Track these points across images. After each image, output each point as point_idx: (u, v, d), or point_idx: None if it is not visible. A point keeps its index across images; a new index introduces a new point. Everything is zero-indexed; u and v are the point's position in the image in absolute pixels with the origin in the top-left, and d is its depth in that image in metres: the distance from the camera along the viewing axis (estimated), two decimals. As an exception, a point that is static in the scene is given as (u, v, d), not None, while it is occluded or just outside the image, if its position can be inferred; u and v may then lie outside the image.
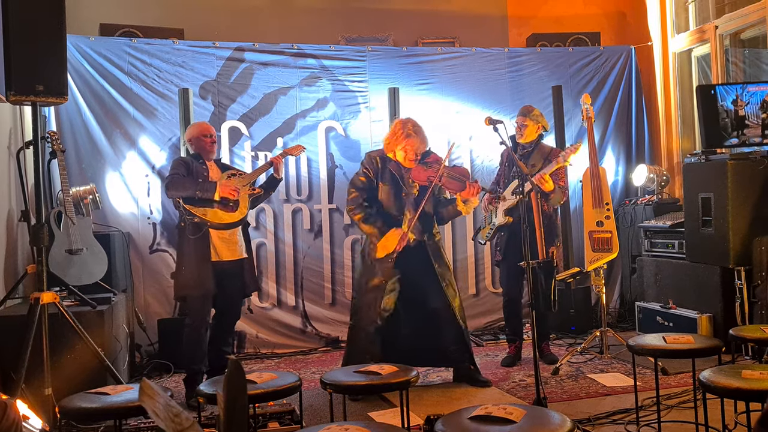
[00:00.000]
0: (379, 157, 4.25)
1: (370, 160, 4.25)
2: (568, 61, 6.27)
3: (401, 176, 4.20)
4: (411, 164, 4.19)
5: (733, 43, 5.76)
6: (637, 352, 3.14)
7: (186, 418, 1.34)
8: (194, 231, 4.13)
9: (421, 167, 4.18)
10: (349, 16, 6.38)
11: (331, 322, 5.72)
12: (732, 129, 4.88)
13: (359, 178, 4.25)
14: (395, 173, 4.21)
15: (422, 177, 4.16)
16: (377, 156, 4.26)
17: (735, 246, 4.61)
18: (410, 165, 4.20)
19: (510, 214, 4.70)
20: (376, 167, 4.23)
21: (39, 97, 3.52)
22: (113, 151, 5.36)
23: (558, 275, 4.80)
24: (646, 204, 5.88)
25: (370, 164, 4.24)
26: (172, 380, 4.78)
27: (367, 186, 4.22)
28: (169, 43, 5.54)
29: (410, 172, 4.19)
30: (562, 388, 4.22)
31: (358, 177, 4.25)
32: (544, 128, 4.88)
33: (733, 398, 2.65)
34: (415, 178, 4.17)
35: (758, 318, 4.48)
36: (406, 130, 4.16)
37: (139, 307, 5.27)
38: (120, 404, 2.54)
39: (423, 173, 4.16)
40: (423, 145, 4.20)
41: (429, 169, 4.16)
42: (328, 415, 3.09)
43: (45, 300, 3.51)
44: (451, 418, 2.24)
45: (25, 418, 2.62)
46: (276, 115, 5.71)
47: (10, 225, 4.44)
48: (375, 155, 4.28)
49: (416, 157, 4.18)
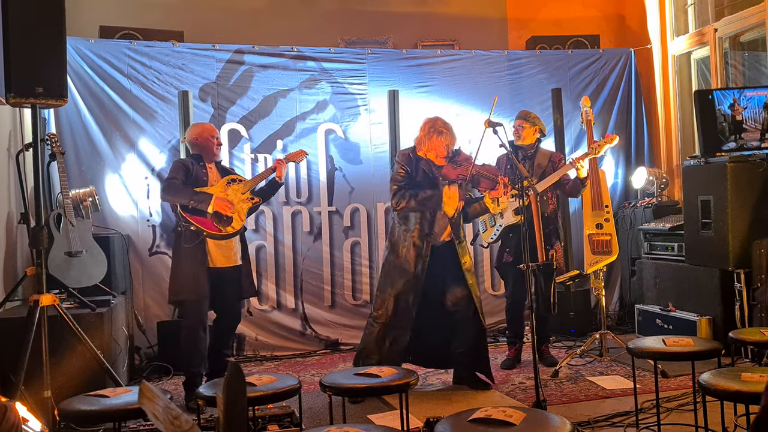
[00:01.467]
0: (412, 155, 4.25)
1: (405, 156, 4.25)
2: (567, 64, 6.28)
3: (432, 175, 4.21)
4: (442, 162, 4.20)
5: (732, 46, 5.76)
6: (637, 354, 3.14)
7: (186, 420, 1.34)
8: (191, 239, 4.13)
9: (450, 165, 4.19)
10: (349, 18, 6.38)
11: (330, 324, 5.71)
12: (730, 133, 4.88)
13: (399, 173, 4.22)
14: (427, 171, 4.21)
15: (452, 175, 4.16)
16: (410, 153, 4.27)
17: (734, 248, 4.61)
18: (441, 163, 4.20)
19: (519, 214, 4.70)
20: (411, 163, 4.22)
21: (39, 99, 3.52)
22: (113, 154, 5.36)
23: (558, 278, 4.79)
24: (645, 207, 5.88)
25: (405, 161, 4.23)
26: (171, 383, 4.78)
27: (407, 180, 4.21)
28: (169, 46, 5.55)
29: (441, 170, 4.19)
30: (562, 390, 4.22)
31: (398, 173, 4.23)
32: (542, 131, 4.88)
33: (733, 401, 2.65)
34: (446, 175, 4.18)
35: (758, 321, 4.48)
36: (437, 128, 4.18)
37: (139, 310, 5.27)
38: (119, 407, 2.54)
39: (453, 171, 4.16)
40: (454, 142, 4.22)
41: (459, 167, 4.16)
42: (328, 418, 3.08)
43: (44, 302, 3.50)
44: (451, 421, 2.23)
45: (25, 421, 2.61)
46: (276, 118, 5.71)
47: (10, 227, 4.43)
48: (407, 152, 4.28)
49: (448, 154, 4.20)
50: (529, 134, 4.80)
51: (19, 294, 4.15)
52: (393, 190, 4.20)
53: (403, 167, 4.21)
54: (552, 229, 4.76)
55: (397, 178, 4.22)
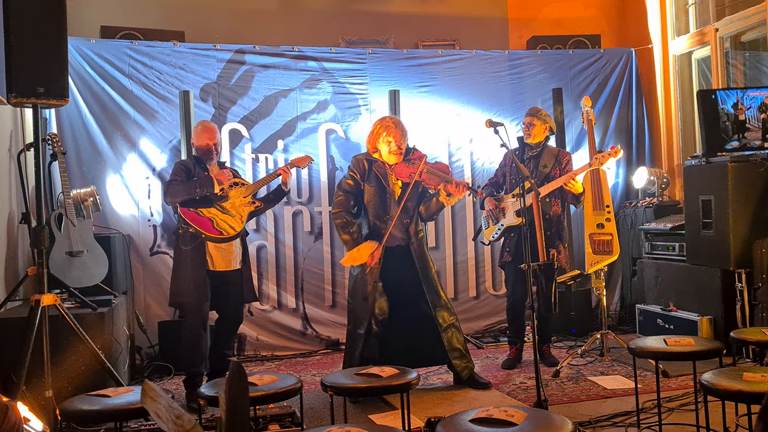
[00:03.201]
0: (366, 160, 4.27)
1: (357, 162, 4.28)
2: (568, 64, 6.28)
3: (385, 176, 4.23)
4: (396, 158, 4.20)
5: (733, 46, 5.76)
6: (638, 354, 3.14)
7: (188, 419, 1.34)
8: (189, 241, 4.13)
9: (403, 164, 4.21)
10: (350, 18, 6.38)
11: (331, 324, 5.71)
12: (732, 133, 4.88)
13: (346, 181, 4.27)
14: (379, 173, 4.23)
15: (405, 174, 4.18)
16: (363, 159, 4.28)
17: (735, 248, 4.61)
18: (395, 159, 4.21)
19: (521, 216, 4.70)
20: (362, 169, 4.25)
21: (40, 99, 3.52)
22: (114, 154, 5.36)
23: (559, 278, 4.79)
24: (646, 206, 5.88)
25: (356, 167, 4.26)
26: (172, 382, 4.78)
27: (354, 189, 4.25)
28: (170, 46, 5.55)
29: (393, 169, 4.21)
30: (563, 390, 4.22)
31: (346, 180, 4.27)
32: (552, 129, 4.88)
33: (735, 401, 2.65)
34: (398, 174, 4.20)
35: (759, 320, 4.48)
36: (385, 123, 4.22)
37: (140, 309, 5.27)
38: (121, 406, 2.54)
39: (405, 170, 4.19)
40: (403, 137, 4.21)
41: (411, 166, 4.18)
42: (329, 418, 3.09)
43: (45, 302, 3.50)
44: (452, 421, 2.23)
45: (26, 421, 2.61)
46: (276, 118, 5.71)
47: (11, 227, 4.44)
48: (362, 158, 4.30)
49: (399, 150, 4.20)
50: (539, 131, 4.81)
51: (20, 294, 4.15)
52: (337, 196, 4.26)
53: (353, 174, 4.24)
54: (555, 231, 4.75)
55: (344, 185, 4.26)
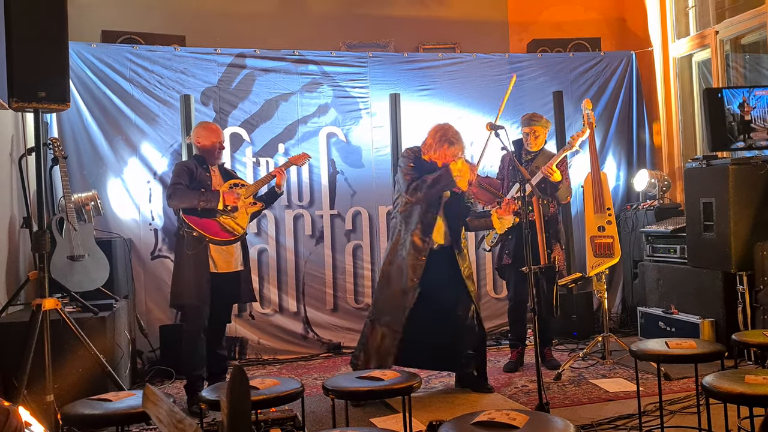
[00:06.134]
0: (418, 154, 4.22)
1: (413, 153, 4.22)
2: (568, 67, 6.28)
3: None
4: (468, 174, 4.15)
5: (733, 48, 5.76)
6: (640, 357, 3.14)
7: (189, 424, 1.34)
8: (193, 245, 4.13)
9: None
10: (350, 22, 6.39)
11: (332, 327, 5.71)
12: (738, 132, 4.87)
13: (408, 165, 4.18)
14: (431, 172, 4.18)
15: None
16: (417, 151, 4.24)
17: (737, 251, 4.61)
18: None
19: (517, 215, 4.69)
20: (418, 160, 4.20)
21: (41, 103, 3.52)
22: (115, 158, 5.36)
23: (560, 280, 4.79)
24: (647, 209, 5.88)
25: (412, 156, 4.20)
26: (173, 386, 4.78)
27: (415, 172, 4.16)
28: (171, 50, 5.55)
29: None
30: (565, 393, 4.21)
31: (407, 166, 4.18)
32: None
33: (737, 403, 2.64)
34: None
35: (761, 323, 4.47)
36: (449, 138, 4.13)
37: (141, 314, 5.27)
38: (122, 411, 2.54)
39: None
40: (463, 151, 4.19)
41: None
42: (330, 422, 3.09)
43: (47, 306, 3.50)
44: (454, 424, 2.23)
45: (27, 425, 2.61)
46: (277, 121, 5.71)
47: (12, 231, 4.44)
48: (415, 150, 4.25)
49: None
50: (543, 139, 4.84)
51: (21, 298, 4.15)
52: (407, 182, 4.15)
53: (411, 161, 4.18)
54: (552, 232, 4.76)
55: (408, 170, 4.17)
